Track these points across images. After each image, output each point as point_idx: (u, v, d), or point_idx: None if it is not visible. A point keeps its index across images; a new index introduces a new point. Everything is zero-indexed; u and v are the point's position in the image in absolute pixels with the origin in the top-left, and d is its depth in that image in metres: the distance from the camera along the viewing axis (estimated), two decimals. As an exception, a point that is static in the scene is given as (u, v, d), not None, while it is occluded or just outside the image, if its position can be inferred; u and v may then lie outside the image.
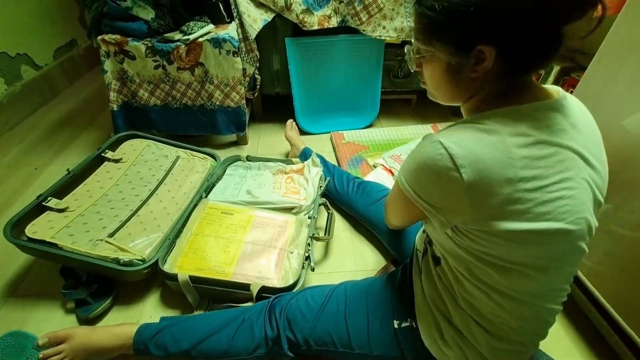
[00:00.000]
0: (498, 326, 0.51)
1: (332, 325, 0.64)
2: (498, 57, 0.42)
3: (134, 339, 0.70)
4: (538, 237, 0.43)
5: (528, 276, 0.46)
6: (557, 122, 0.44)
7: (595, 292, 0.76)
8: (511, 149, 0.41)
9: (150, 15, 1.20)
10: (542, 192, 0.41)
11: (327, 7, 1.35)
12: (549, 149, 0.42)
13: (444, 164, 0.42)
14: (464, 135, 0.42)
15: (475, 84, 0.46)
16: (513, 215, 0.42)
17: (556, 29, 0.40)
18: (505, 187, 0.41)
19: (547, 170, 0.41)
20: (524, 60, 0.43)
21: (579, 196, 0.43)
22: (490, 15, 0.39)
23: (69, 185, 0.98)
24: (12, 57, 1.59)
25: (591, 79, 0.79)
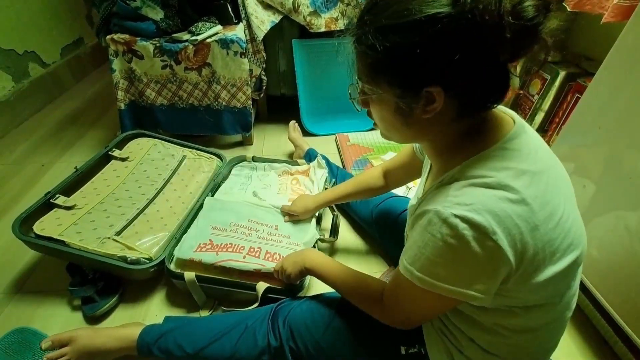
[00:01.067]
0: (515, 354, 0.50)
1: (337, 343, 0.63)
2: (447, 98, 0.39)
3: (137, 342, 0.70)
4: (567, 271, 0.42)
5: (550, 305, 0.45)
6: (530, 147, 0.42)
7: (600, 298, 0.76)
8: (523, 195, 0.38)
9: (159, 16, 1.21)
10: (562, 225, 0.40)
11: (335, 9, 1.36)
12: (542, 178, 0.40)
13: (474, 238, 0.37)
14: (473, 198, 0.38)
15: (433, 125, 0.43)
16: (546, 260, 0.39)
17: (502, 67, 0.39)
18: (535, 236, 0.38)
19: (554, 202, 0.40)
20: (475, 99, 0.41)
21: (574, 213, 0.42)
22: (434, 57, 0.36)
23: (76, 183, 0.99)
24: (20, 54, 1.61)
25: (599, 85, 0.79)
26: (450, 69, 0.37)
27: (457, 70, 0.37)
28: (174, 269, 0.83)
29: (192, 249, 0.84)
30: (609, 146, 0.75)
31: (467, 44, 0.35)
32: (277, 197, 1.06)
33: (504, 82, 0.40)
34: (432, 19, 0.35)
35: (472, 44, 0.35)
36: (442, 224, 0.38)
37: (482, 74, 0.38)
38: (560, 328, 0.51)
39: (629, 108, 0.71)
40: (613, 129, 0.75)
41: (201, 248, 0.85)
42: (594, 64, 1.37)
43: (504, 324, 0.47)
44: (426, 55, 0.37)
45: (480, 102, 0.41)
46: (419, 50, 0.36)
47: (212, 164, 1.18)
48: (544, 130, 1.53)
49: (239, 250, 0.84)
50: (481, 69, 0.38)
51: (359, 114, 1.69)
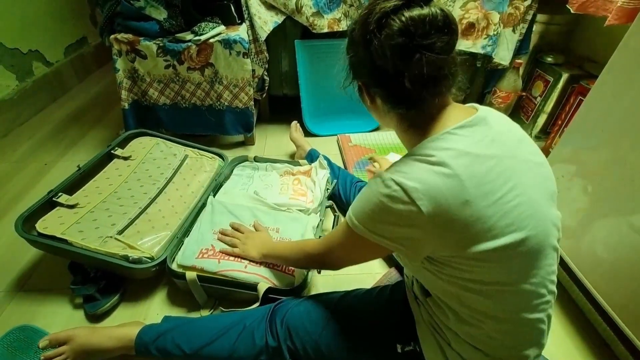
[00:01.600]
0: (496, 348, 0.51)
1: (334, 342, 0.63)
2: (373, 91, 0.51)
3: (135, 342, 0.70)
4: (510, 251, 0.44)
5: (510, 292, 0.47)
6: (485, 135, 0.46)
7: (600, 300, 0.76)
8: (458, 171, 0.42)
9: (163, 16, 1.21)
10: (499, 206, 0.42)
11: (338, 10, 1.36)
12: (489, 161, 0.44)
13: (400, 200, 0.43)
14: (412, 169, 0.44)
15: (382, 113, 0.53)
16: (479, 236, 0.43)
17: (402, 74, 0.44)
18: (464, 210, 0.42)
19: (496, 183, 0.43)
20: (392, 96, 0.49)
21: (531, 198, 0.45)
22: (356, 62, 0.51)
23: (79, 181, 0.99)
24: (24, 53, 1.61)
25: (602, 87, 0.79)
26: (357, 69, 0.51)
27: (361, 70, 0.50)
28: (176, 269, 0.83)
29: (194, 255, 0.84)
30: (612, 148, 0.75)
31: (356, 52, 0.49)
32: (279, 197, 1.06)
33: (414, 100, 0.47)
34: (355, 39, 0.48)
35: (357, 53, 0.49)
36: (381, 183, 0.46)
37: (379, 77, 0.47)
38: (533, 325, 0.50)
39: (633, 110, 0.70)
40: (616, 131, 0.74)
41: (203, 254, 0.85)
42: (597, 66, 1.37)
43: (473, 308, 0.49)
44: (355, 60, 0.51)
45: (400, 99, 0.48)
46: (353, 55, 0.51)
47: (214, 163, 1.18)
48: (547, 132, 1.53)
49: (240, 260, 0.84)
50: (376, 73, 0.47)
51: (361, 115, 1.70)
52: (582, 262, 0.82)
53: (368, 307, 0.67)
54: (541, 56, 1.54)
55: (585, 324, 0.85)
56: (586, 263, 0.81)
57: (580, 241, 0.82)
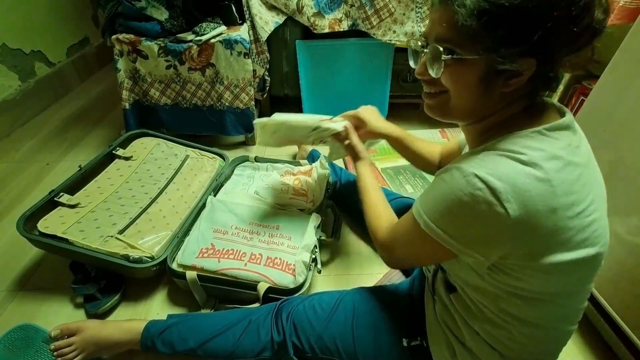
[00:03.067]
0: (515, 351, 0.50)
1: (339, 335, 0.64)
2: (534, 73, 0.39)
3: (141, 335, 0.70)
4: (577, 266, 0.41)
5: (557, 304, 0.45)
6: (572, 141, 0.42)
7: (604, 303, 0.76)
8: (550, 176, 0.38)
9: (164, 16, 1.21)
10: (580, 219, 0.40)
11: (338, 10, 1.36)
12: (577, 169, 0.40)
13: (485, 201, 0.38)
14: (499, 166, 0.39)
15: (503, 100, 0.43)
16: (556, 247, 0.40)
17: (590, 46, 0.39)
18: (550, 218, 0.38)
19: (580, 194, 0.40)
20: (553, 77, 0.41)
21: (603, 215, 0.43)
22: (547, 28, 0.35)
23: (80, 181, 1.00)
24: (26, 53, 1.62)
25: (604, 88, 0.78)
26: (551, 43, 0.37)
27: (555, 45, 0.37)
28: (176, 268, 0.83)
29: (194, 254, 0.85)
30: (614, 149, 0.75)
31: (571, 20, 0.36)
32: (279, 197, 1.06)
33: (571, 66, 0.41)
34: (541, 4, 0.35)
35: (575, 21, 0.36)
36: (461, 178, 0.40)
37: (567, 54, 0.39)
38: (563, 336, 0.50)
39: (634, 111, 0.70)
40: (618, 131, 0.74)
41: (203, 254, 0.85)
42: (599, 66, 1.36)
43: (507, 311, 0.46)
44: (537, 24, 0.36)
45: (551, 82, 0.42)
46: (533, 18, 0.35)
47: (215, 163, 1.18)
48: (548, 132, 1.52)
49: (240, 258, 0.84)
50: (569, 49, 0.39)
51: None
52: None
53: (373, 303, 0.67)
54: (543, 56, 1.54)
55: (587, 326, 0.84)
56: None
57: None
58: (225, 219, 0.95)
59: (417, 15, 1.36)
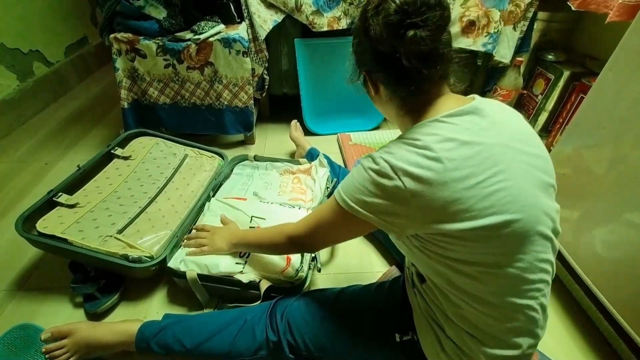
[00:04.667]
0: (490, 334, 0.51)
1: (334, 333, 0.64)
2: (374, 81, 0.55)
3: (136, 337, 0.70)
4: (490, 232, 0.46)
5: (498, 275, 0.48)
6: (475, 124, 0.48)
7: (602, 299, 0.76)
8: (440, 154, 0.45)
9: (162, 15, 1.21)
10: (478, 189, 0.45)
11: (337, 8, 1.36)
12: (475, 147, 0.46)
13: (387, 176, 0.47)
14: (399, 150, 0.48)
15: (382, 102, 0.57)
16: (458, 215, 0.45)
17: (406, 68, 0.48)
18: (444, 190, 0.45)
19: (477, 168, 0.45)
20: (393, 83, 0.53)
21: (518, 185, 0.46)
22: (360, 51, 0.54)
23: (79, 181, 1.00)
24: (25, 53, 1.62)
25: (604, 85, 0.78)
26: (361, 58, 0.55)
27: (363, 59, 0.54)
28: (176, 267, 0.83)
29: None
30: (614, 146, 0.75)
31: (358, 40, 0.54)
32: (278, 197, 1.06)
33: (412, 79, 0.50)
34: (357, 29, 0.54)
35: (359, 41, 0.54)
36: (371, 161, 0.50)
37: (379, 64, 0.52)
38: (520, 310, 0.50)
39: (634, 108, 0.70)
40: (617, 128, 0.74)
41: None
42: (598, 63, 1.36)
43: (462, 289, 0.50)
44: (358, 49, 0.55)
45: (400, 87, 0.52)
46: (356, 46, 0.55)
47: (214, 162, 1.18)
48: (548, 130, 1.52)
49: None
50: (376, 60, 0.52)
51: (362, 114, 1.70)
52: (583, 259, 0.82)
53: (367, 299, 0.67)
54: (542, 54, 1.54)
55: (587, 322, 0.84)
56: (587, 261, 0.80)
57: (582, 239, 0.82)
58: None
59: (416, 13, 1.35)
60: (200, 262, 0.82)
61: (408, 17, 0.45)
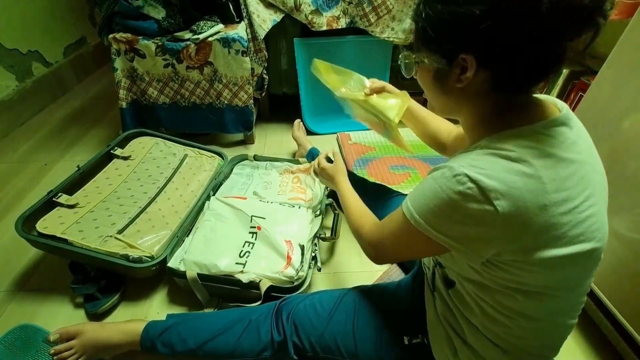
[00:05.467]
0: (518, 346, 0.50)
1: (340, 335, 0.64)
2: (481, 68, 0.41)
3: (141, 337, 0.70)
4: (573, 260, 0.42)
5: (556, 297, 0.45)
6: (567, 137, 0.42)
7: (603, 298, 0.76)
8: (540, 173, 0.39)
9: (161, 14, 1.21)
10: (574, 214, 0.40)
11: (336, 8, 1.36)
12: (570, 166, 0.40)
13: (475, 199, 0.39)
14: (489, 164, 0.40)
15: (467, 96, 0.45)
16: (549, 242, 0.40)
17: (542, 48, 0.38)
18: (541, 215, 0.39)
19: (574, 190, 0.40)
20: (508, 75, 0.41)
21: (601, 210, 0.43)
22: (470, 25, 0.38)
23: (78, 181, 1.00)
24: (23, 53, 1.61)
25: (602, 83, 0.78)
26: (483, 38, 0.39)
27: (490, 39, 0.39)
28: (176, 267, 0.83)
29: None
30: (612, 144, 0.75)
31: (501, 14, 0.37)
32: (278, 197, 1.06)
33: (545, 62, 0.40)
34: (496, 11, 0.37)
35: (506, 15, 0.37)
36: (452, 178, 0.40)
37: (517, 48, 0.38)
38: (563, 329, 0.50)
39: (632, 106, 0.70)
40: (616, 127, 0.74)
41: None
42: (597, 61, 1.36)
43: (506, 305, 0.46)
44: (462, 22, 0.39)
45: (514, 79, 0.42)
46: (456, 17, 0.39)
47: (214, 162, 1.18)
48: (547, 129, 1.53)
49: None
50: (515, 43, 0.38)
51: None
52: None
53: (374, 301, 0.67)
54: (541, 52, 1.54)
55: (588, 322, 0.84)
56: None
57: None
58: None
59: (415, 12, 1.35)
60: (200, 261, 0.82)
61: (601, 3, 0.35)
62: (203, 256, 0.83)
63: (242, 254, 0.86)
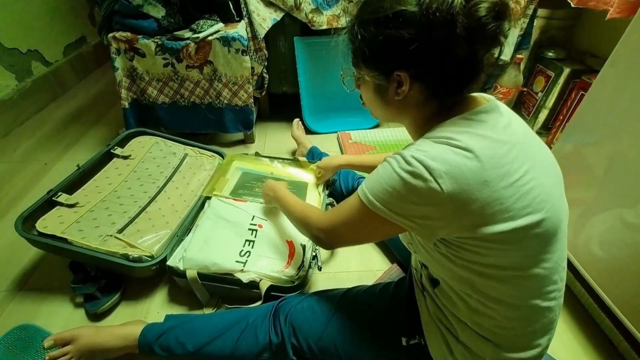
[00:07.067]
0: (507, 338, 0.51)
1: (338, 337, 0.64)
2: (415, 82, 0.47)
3: (138, 341, 0.70)
4: (525, 233, 0.44)
5: (527, 277, 0.47)
6: (499, 122, 0.47)
7: (603, 296, 0.76)
8: (477, 153, 0.43)
9: (161, 13, 1.20)
10: (515, 187, 0.43)
11: (336, 6, 1.35)
12: (505, 145, 0.45)
13: (422, 177, 0.43)
14: (431, 148, 0.45)
15: (407, 106, 0.51)
16: (496, 216, 0.43)
17: (463, 60, 0.45)
18: (483, 190, 0.42)
19: (512, 166, 0.44)
20: (440, 85, 0.48)
21: (545, 182, 0.46)
22: (400, 46, 0.45)
23: (78, 181, 0.99)
24: (23, 53, 1.61)
25: (604, 82, 0.78)
26: (413, 57, 0.45)
27: (419, 58, 0.45)
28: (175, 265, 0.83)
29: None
30: (614, 143, 0.75)
31: (426, 37, 0.43)
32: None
33: (467, 73, 0.47)
34: (398, 14, 0.44)
35: (430, 38, 0.43)
36: (402, 161, 0.46)
37: (442, 64, 0.45)
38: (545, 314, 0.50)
39: (635, 105, 0.70)
40: (618, 125, 0.74)
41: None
42: (599, 60, 1.36)
43: (484, 293, 0.49)
44: (394, 44, 0.45)
45: (446, 88, 0.48)
46: (389, 40, 0.45)
47: (214, 162, 1.18)
48: (548, 128, 1.52)
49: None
50: (440, 60, 0.45)
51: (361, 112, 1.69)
52: (584, 257, 0.81)
53: (372, 302, 0.67)
54: (542, 51, 1.53)
55: (588, 320, 0.84)
56: (588, 259, 0.80)
57: (582, 237, 0.81)
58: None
59: (416, 11, 1.35)
60: (199, 260, 0.82)
61: (500, 18, 0.42)
62: (203, 254, 0.83)
63: (242, 252, 0.85)
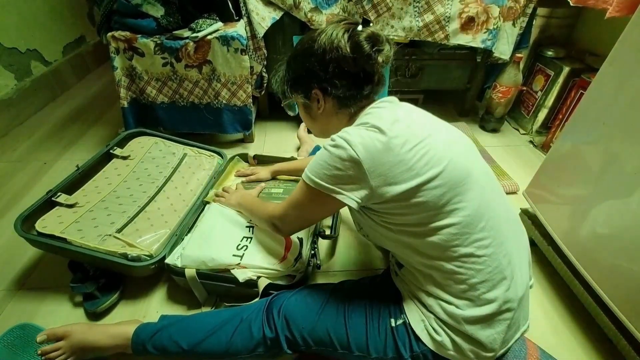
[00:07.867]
0: (463, 297, 0.57)
1: (332, 326, 0.64)
2: (327, 97, 0.64)
3: (132, 340, 0.70)
4: (431, 184, 0.54)
5: (451, 226, 0.55)
6: (399, 107, 0.63)
7: (603, 295, 0.76)
8: (383, 128, 0.55)
9: (160, 13, 1.20)
10: (415, 150, 0.55)
11: (336, 5, 1.35)
12: (404, 122, 0.58)
13: (343, 147, 0.55)
14: (351, 129, 0.58)
15: (329, 117, 0.67)
16: (404, 175, 0.54)
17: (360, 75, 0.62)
18: (390, 154, 0.54)
19: (411, 136, 0.56)
20: (345, 97, 0.63)
21: (441, 147, 0.57)
22: (314, 72, 0.63)
23: (77, 181, 0.99)
24: (22, 52, 1.61)
25: (603, 81, 0.78)
26: (320, 79, 0.63)
27: (323, 79, 0.63)
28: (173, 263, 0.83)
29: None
30: (614, 142, 0.74)
31: (326, 65, 0.61)
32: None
33: (362, 83, 0.63)
34: (306, 51, 0.63)
35: (329, 65, 0.61)
36: (330, 140, 0.58)
37: (338, 82, 0.62)
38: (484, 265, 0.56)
39: (634, 103, 0.70)
40: (617, 124, 0.74)
41: None
42: (598, 59, 1.36)
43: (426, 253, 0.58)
44: (309, 72, 0.63)
45: (348, 98, 0.64)
46: (304, 68, 0.64)
47: (213, 161, 1.18)
48: (548, 127, 1.52)
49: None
50: (337, 78, 0.62)
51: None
52: (583, 256, 0.81)
53: (362, 290, 0.70)
54: (542, 50, 1.53)
55: (587, 318, 0.84)
56: (587, 257, 0.80)
57: (581, 235, 0.81)
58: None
59: (415, 10, 1.35)
60: (197, 256, 0.82)
61: (377, 44, 0.60)
62: (200, 251, 0.83)
63: (239, 246, 0.85)
